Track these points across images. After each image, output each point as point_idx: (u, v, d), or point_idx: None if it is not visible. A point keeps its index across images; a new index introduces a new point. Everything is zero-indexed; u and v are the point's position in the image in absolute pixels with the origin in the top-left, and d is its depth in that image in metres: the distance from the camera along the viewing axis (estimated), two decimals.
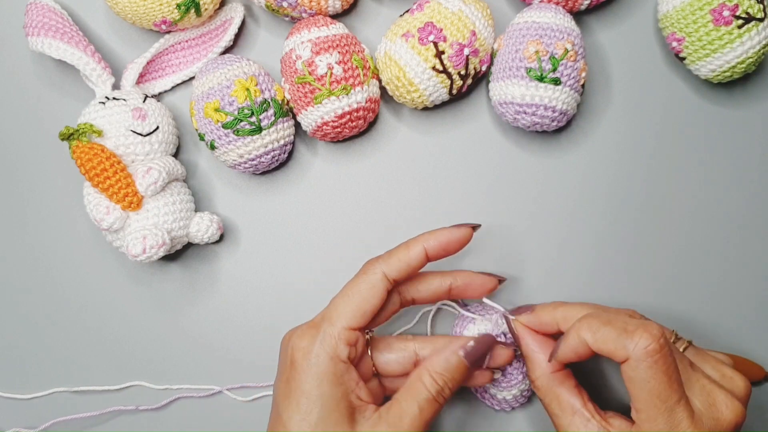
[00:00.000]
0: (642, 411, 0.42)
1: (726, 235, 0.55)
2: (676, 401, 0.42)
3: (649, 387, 0.41)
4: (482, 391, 0.53)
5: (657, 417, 0.42)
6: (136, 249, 0.50)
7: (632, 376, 0.42)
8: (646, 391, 0.42)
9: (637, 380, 0.42)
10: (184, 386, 0.55)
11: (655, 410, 0.42)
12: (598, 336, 0.43)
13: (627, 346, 0.42)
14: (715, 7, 0.51)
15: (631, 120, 0.56)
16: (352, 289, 0.47)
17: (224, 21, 0.56)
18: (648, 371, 0.41)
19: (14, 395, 0.55)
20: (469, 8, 0.52)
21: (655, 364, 0.41)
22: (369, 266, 0.48)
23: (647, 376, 0.41)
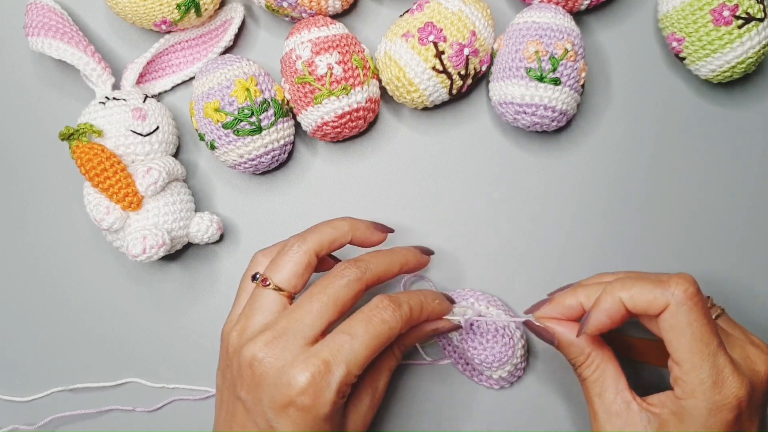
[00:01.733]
0: (685, 361, 0.41)
1: (726, 235, 0.55)
2: (717, 345, 0.41)
3: (691, 331, 0.41)
4: (477, 375, 0.53)
5: (701, 363, 0.41)
6: (136, 249, 0.50)
7: (673, 324, 0.41)
8: (689, 337, 0.41)
9: (678, 326, 0.41)
10: (180, 386, 0.55)
11: (699, 356, 0.41)
12: (633, 292, 0.42)
13: (665, 294, 0.41)
14: (715, 7, 0.51)
15: (631, 120, 0.56)
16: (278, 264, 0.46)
17: (224, 21, 0.56)
18: (689, 314, 0.41)
19: (13, 398, 0.55)
20: (469, 8, 0.52)
21: (696, 306, 0.41)
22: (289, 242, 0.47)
23: (689, 319, 0.41)
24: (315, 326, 0.44)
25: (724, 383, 0.41)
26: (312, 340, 0.43)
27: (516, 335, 0.52)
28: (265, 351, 0.43)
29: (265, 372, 0.43)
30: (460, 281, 0.55)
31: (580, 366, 0.45)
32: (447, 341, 0.53)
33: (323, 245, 0.47)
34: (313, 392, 0.42)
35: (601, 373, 0.45)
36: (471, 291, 0.53)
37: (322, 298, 0.44)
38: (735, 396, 0.41)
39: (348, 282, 0.45)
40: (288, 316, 0.44)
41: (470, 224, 0.55)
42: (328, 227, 0.48)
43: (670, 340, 0.42)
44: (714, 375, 0.41)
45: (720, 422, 0.41)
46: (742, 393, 0.41)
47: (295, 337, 0.43)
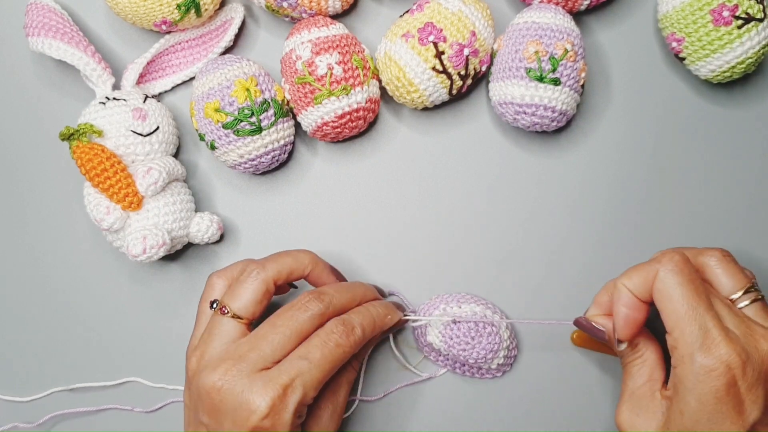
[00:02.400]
0: (674, 327, 0.42)
1: (726, 235, 0.55)
2: (705, 308, 0.42)
3: (677, 294, 0.42)
4: (478, 371, 0.53)
5: (688, 326, 0.42)
6: (137, 249, 0.50)
7: (660, 289, 0.43)
8: (675, 299, 0.42)
9: (665, 290, 0.43)
10: (179, 387, 0.55)
11: (686, 318, 0.42)
12: (633, 277, 0.44)
13: (654, 267, 0.43)
14: (714, 8, 0.51)
15: (631, 120, 0.56)
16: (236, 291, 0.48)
17: (224, 21, 0.56)
18: (674, 278, 0.43)
19: (14, 398, 0.55)
20: (469, 8, 0.52)
21: (681, 272, 0.43)
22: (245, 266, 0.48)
23: (674, 282, 0.43)
24: (275, 356, 0.45)
25: (711, 347, 0.41)
26: (269, 367, 0.45)
27: (495, 320, 0.52)
28: (225, 378, 0.44)
29: (225, 399, 0.44)
30: (459, 281, 0.55)
31: (626, 352, 0.47)
32: (436, 353, 0.53)
33: (282, 274, 0.49)
34: (273, 415, 0.43)
35: (642, 360, 0.46)
36: (438, 297, 0.54)
37: (285, 332, 0.46)
38: (723, 361, 0.41)
39: (311, 316, 0.46)
40: (249, 343, 0.45)
41: (470, 224, 0.55)
42: (288, 257, 0.50)
43: (661, 308, 0.43)
44: (701, 338, 0.41)
45: (710, 389, 0.41)
46: (733, 359, 0.41)
47: (254, 364, 0.44)
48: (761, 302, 0.46)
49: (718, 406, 0.41)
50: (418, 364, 0.54)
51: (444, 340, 0.51)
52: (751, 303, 0.45)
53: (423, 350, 0.54)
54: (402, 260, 0.55)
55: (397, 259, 0.55)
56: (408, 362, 0.54)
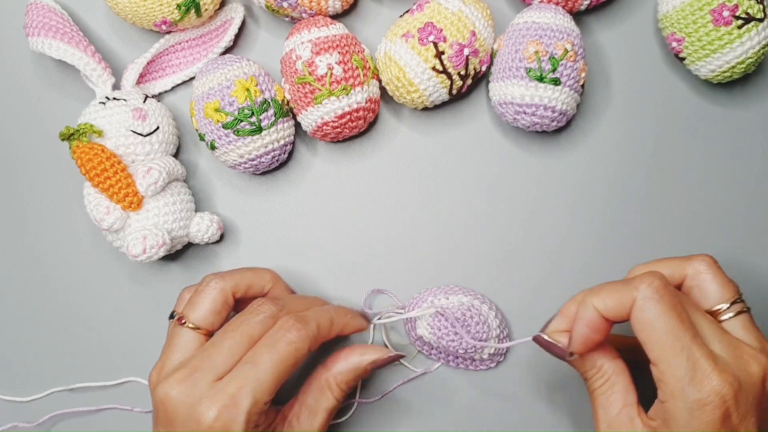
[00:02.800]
0: (660, 360, 0.40)
1: (726, 235, 0.55)
2: (691, 338, 0.40)
3: (660, 325, 0.40)
4: (471, 362, 0.53)
5: (675, 359, 0.39)
6: (137, 249, 0.50)
7: (641, 319, 0.40)
8: (659, 331, 0.40)
9: (646, 322, 0.40)
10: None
11: (672, 351, 0.39)
12: (603, 296, 0.41)
13: (632, 293, 0.41)
14: (714, 8, 0.51)
15: (631, 120, 0.56)
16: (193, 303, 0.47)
17: (224, 21, 0.56)
18: (656, 307, 0.40)
19: (13, 398, 0.55)
20: (469, 8, 0.52)
21: (662, 299, 0.40)
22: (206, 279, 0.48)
23: (656, 312, 0.40)
24: (227, 363, 0.44)
25: (703, 379, 0.39)
26: (222, 376, 0.44)
27: (483, 310, 0.52)
28: (177, 389, 0.44)
29: (176, 410, 0.43)
30: (459, 281, 0.55)
31: (591, 378, 0.44)
32: (428, 347, 0.53)
33: (240, 287, 0.48)
34: (222, 426, 0.43)
35: (610, 385, 0.43)
36: (427, 290, 0.54)
37: (235, 336, 0.45)
38: (717, 393, 0.39)
39: (263, 318, 0.46)
40: (201, 353, 0.45)
41: (470, 224, 0.55)
42: (249, 272, 0.50)
43: (643, 339, 0.41)
44: (691, 371, 0.39)
45: (704, 423, 0.39)
46: (726, 390, 0.39)
47: (206, 374, 0.44)
48: (746, 314, 0.44)
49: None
50: (413, 359, 0.54)
51: (433, 332, 0.51)
52: (735, 315, 0.43)
53: (415, 345, 0.54)
54: (402, 260, 0.55)
55: (397, 258, 0.55)
56: (402, 359, 0.54)
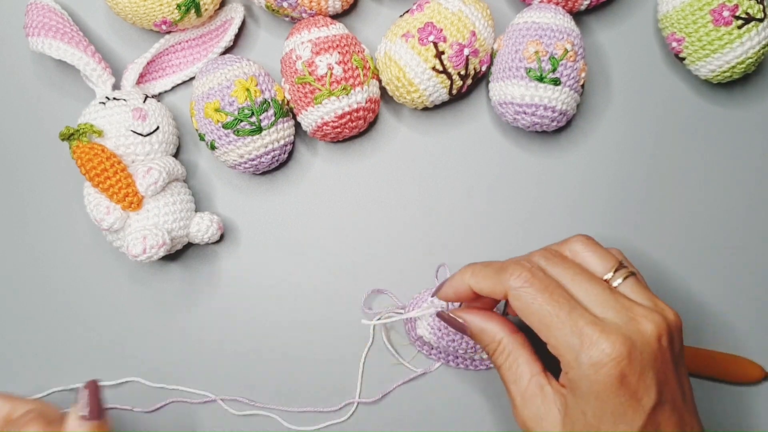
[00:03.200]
0: (548, 337, 0.42)
1: (726, 235, 0.55)
2: (568, 310, 0.41)
3: (536, 307, 0.42)
4: (471, 362, 0.53)
5: (558, 332, 0.41)
6: (137, 249, 0.50)
7: (519, 306, 0.43)
8: (536, 312, 0.42)
9: (524, 307, 0.42)
10: (179, 387, 0.55)
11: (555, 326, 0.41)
12: (478, 276, 0.45)
13: (503, 281, 0.43)
14: (715, 8, 0.51)
15: (631, 120, 0.56)
16: None
17: (224, 21, 0.56)
18: (528, 293, 0.42)
19: None
20: (469, 8, 0.52)
21: (532, 285, 0.42)
22: None
23: (529, 297, 0.42)
24: None
25: (591, 345, 0.40)
26: None
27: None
28: None
29: None
30: None
31: (494, 353, 0.46)
32: (428, 347, 0.53)
33: None
34: None
35: (514, 359, 0.45)
36: (427, 290, 0.53)
37: None
38: (607, 355, 0.40)
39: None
40: None
41: (470, 224, 0.55)
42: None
43: (530, 324, 0.43)
44: (578, 339, 0.41)
45: (603, 387, 0.40)
46: (617, 351, 0.40)
47: None
48: (633, 277, 0.45)
49: (617, 399, 0.40)
50: (413, 359, 0.54)
51: (433, 332, 0.51)
52: (624, 280, 0.44)
53: (415, 345, 0.54)
54: (402, 260, 0.55)
55: (397, 259, 0.55)
56: (402, 359, 0.54)
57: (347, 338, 0.55)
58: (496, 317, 0.46)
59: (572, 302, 0.42)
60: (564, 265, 0.44)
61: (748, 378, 0.53)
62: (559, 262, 0.44)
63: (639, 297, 0.44)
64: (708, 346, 0.54)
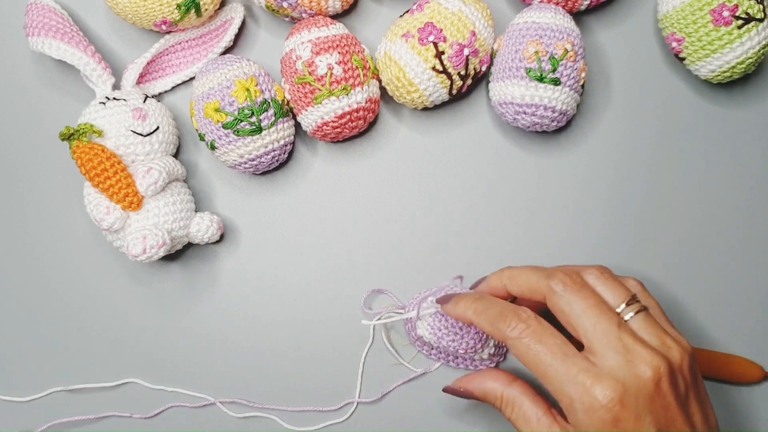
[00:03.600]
0: (547, 385, 0.43)
1: (726, 235, 0.55)
2: (561, 360, 0.42)
3: (530, 357, 0.43)
4: (471, 362, 0.53)
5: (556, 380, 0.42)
6: (137, 249, 0.50)
7: (516, 354, 0.44)
8: (532, 362, 0.43)
9: (520, 355, 0.44)
10: (179, 390, 0.55)
11: (551, 375, 0.42)
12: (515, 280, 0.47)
13: (501, 329, 0.44)
14: (714, 8, 0.51)
15: (631, 120, 0.56)
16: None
17: (224, 21, 0.56)
18: (523, 345, 0.43)
19: (12, 398, 0.55)
20: (469, 8, 0.52)
21: (527, 338, 0.43)
22: None
23: (525, 349, 0.43)
24: None
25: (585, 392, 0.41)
26: None
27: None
28: None
29: None
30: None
31: (501, 408, 0.47)
32: (428, 347, 0.53)
33: None
34: None
35: (519, 407, 0.46)
36: (427, 290, 0.53)
37: None
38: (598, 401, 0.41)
39: None
40: None
41: (470, 224, 0.55)
42: None
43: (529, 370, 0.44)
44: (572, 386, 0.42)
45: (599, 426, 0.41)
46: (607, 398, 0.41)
47: None
48: (644, 312, 0.44)
49: None
50: (412, 359, 0.54)
51: (433, 332, 0.51)
52: (635, 314, 0.44)
53: (415, 345, 0.54)
54: (402, 260, 0.55)
55: (397, 258, 0.55)
56: (402, 359, 0.54)
57: (347, 338, 0.55)
58: (493, 373, 0.47)
59: (566, 349, 0.43)
60: (581, 294, 0.44)
61: (748, 378, 0.53)
62: (577, 290, 0.44)
63: (647, 334, 0.43)
64: (708, 346, 0.54)
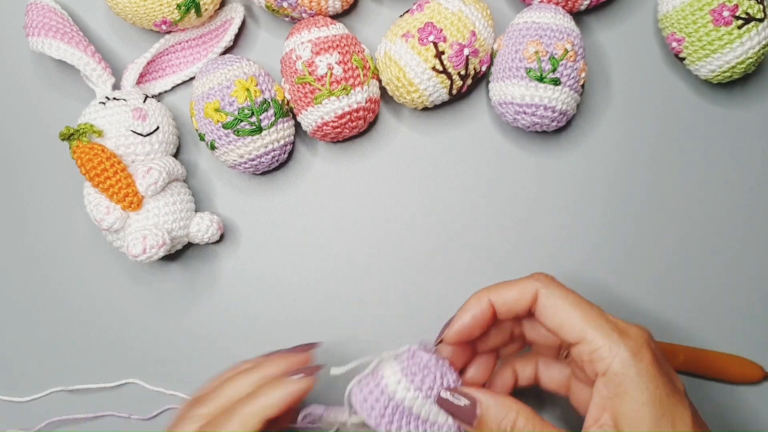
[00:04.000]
0: (586, 330, 0.41)
1: (726, 235, 0.55)
2: (598, 309, 0.42)
3: (568, 303, 0.42)
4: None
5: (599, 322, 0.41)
6: (137, 249, 0.50)
7: (549, 304, 0.43)
8: (569, 309, 0.42)
9: (554, 304, 0.42)
10: (178, 393, 0.55)
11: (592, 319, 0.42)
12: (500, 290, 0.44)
13: (528, 285, 0.43)
14: (715, 8, 0.51)
15: (631, 120, 0.56)
16: None
17: (224, 21, 0.56)
18: (560, 291, 0.43)
19: (12, 398, 0.55)
20: (469, 8, 0.52)
21: (559, 287, 0.43)
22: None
23: (562, 293, 0.43)
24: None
25: (625, 332, 0.41)
26: None
27: None
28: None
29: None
30: (459, 282, 0.55)
31: None
32: None
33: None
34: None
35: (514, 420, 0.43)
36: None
37: None
38: (641, 337, 0.41)
39: None
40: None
41: (470, 224, 0.55)
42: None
43: (558, 324, 0.42)
44: (616, 329, 0.41)
45: (645, 368, 0.40)
46: (645, 334, 0.42)
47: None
48: None
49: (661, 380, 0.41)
50: None
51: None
52: None
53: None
54: (401, 260, 0.55)
55: (397, 258, 0.55)
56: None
57: (347, 338, 0.55)
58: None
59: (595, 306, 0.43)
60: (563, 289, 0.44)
61: (748, 378, 0.53)
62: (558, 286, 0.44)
63: None
64: (708, 346, 0.54)
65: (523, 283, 0.44)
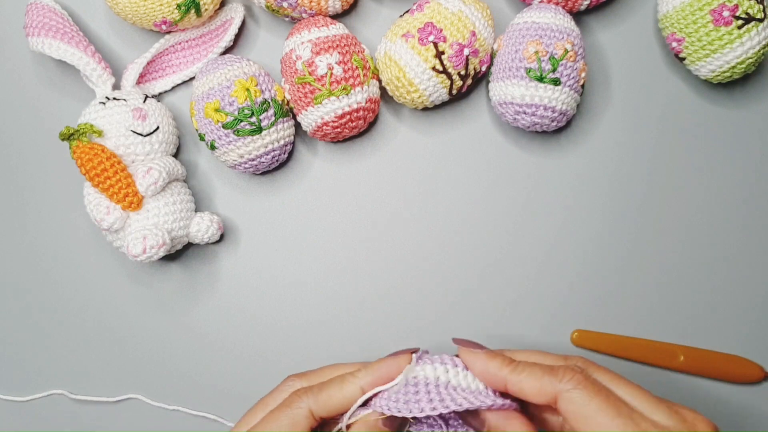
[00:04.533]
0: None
1: (726, 235, 0.55)
2: (628, 414, 0.39)
3: (594, 405, 0.40)
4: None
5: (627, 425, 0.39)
6: (137, 249, 0.50)
7: (571, 409, 0.40)
8: (593, 416, 0.39)
9: (576, 410, 0.40)
10: (181, 408, 0.55)
11: (617, 420, 0.39)
12: (523, 374, 0.42)
13: (552, 382, 0.41)
14: (715, 8, 0.51)
15: (631, 120, 0.56)
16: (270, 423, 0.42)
17: (224, 21, 0.56)
18: (583, 397, 0.40)
19: (12, 398, 0.55)
20: (469, 8, 0.52)
21: (585, 389, 0.40)
22: (294, 398, 0.43)
23: (585, 401, 0.40)
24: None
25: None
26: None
27: None
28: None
29: None
30: (458, 280, 0.55)
31: None
32: None
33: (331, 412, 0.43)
34: None
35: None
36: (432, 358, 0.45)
37: None
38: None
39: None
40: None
41: (470, 224, 0.55)
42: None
43: (578, 422, 0.40)
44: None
45: None
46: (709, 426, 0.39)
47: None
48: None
49: None
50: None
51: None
52: None
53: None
54: (401, 260, 0.55)
55: (397, 258, 0.55)
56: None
57: (347, 338, 0.55)
58: None
59: (628, 405, 0.40)
60: (600, 370, 0.42)
61: (748, 378, 0.53)
62: (595, 369, 0.42)
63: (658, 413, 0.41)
64: (708, 346, 0.54)
65: (546, 378, 0.41)
